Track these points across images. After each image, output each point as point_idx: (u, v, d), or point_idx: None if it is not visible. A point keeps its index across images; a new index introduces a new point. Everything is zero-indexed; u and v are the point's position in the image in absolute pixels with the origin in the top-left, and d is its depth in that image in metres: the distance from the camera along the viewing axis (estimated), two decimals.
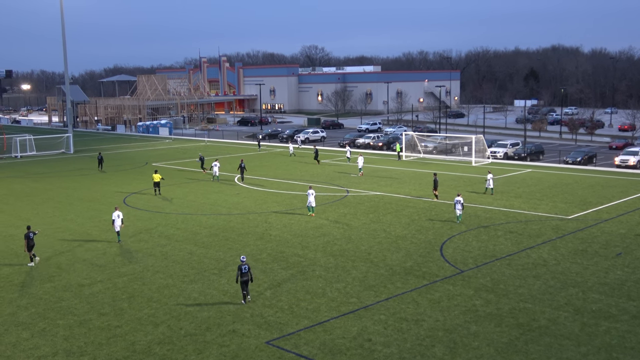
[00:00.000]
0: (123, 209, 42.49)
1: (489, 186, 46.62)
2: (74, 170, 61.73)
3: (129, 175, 59.44)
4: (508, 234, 34.26)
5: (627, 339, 20.45)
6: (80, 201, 45.70)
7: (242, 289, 24.09)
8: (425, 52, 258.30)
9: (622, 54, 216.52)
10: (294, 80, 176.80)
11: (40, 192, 50.03)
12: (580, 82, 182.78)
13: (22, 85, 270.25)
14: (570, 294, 24.75)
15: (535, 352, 19.59)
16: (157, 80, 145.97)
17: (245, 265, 23.91)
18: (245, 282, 23.93)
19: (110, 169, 63.98)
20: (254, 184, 52.26)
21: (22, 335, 21.48)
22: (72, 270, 28.73)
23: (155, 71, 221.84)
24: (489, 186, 46.55)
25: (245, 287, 24.01)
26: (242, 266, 23.87)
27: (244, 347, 20.24)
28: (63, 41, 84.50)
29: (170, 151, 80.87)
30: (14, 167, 66.87)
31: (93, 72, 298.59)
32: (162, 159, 71.60)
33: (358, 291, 25.35)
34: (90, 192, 49.87)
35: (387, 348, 19.98)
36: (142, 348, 20.29)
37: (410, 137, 74.33)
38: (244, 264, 23.95)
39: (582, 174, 56.60)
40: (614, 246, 31.56)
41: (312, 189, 40.02)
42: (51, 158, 75.64)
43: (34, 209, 43.16)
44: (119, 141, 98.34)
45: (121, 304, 24.27)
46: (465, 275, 27.29)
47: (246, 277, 23.90)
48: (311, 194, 39.36)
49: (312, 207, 39.34)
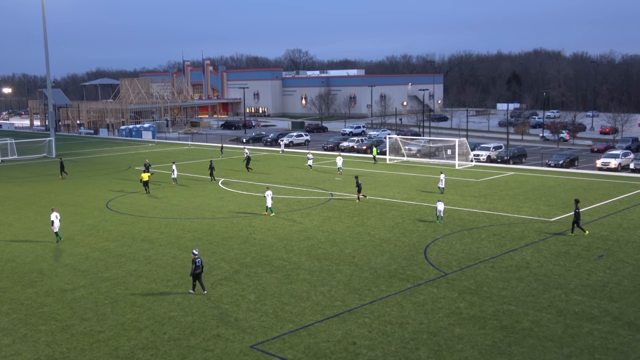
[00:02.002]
0: (106, 213, 42.32)
1: (441, 185, 47.95)
2: (56, 175, 61.18)
3: (112, 179, 59.05)
4: (491, 237, 34.46)
5: (609, 340, 20.63)
6: (63, 205, 45.29)
7: (196, 280, 25.56)
8: (408, 56, 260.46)
9: (603, 57, 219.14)
10: (277, 83, 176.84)
11: (22, 197, 49.58)
12: (562, 85, 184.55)
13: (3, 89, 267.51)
14: (553, 295, 24.93)
15: (518, 354, 19.70)
16: (140, 84, 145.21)
17: (198, 259, 25.38)
18: (199, 275, 25.43)
19: (92, 173, 63.57)
20: (237, 187, 52.16)
21: (3, 342, 21.25)
22: (54, 275, 28.48)
23: (139, 75, 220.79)
24: (441, 185, 47.91)
25: (199, 278, 25.53)
26: (197, 259, 25.30)
27: (228, 351, 20.17)
28: (45, 44, 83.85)
29: (153, 155, 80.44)
30: None
31: (75, 75, 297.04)
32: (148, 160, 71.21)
33: (342, 294, 25.37)
34: (72, 196, 49.50)
35: (372, 351, 20.00)
36: (126, 353, 20.15)
37: (394, 141, 74.57)
38: (197, 257, 25.35)
39: (564, 177, 57.08)
40: (596, 248, 31.84)
41: (270, 190, 41.20)
42: (33, 162, 74.96)
43: (15, 213, 42.75)
44: (102, 145, 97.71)
45: (104, 309, 24.10)
46: (449, 278, 27.40)
47: (200, 270, 25.39)
48: (269, 195, 40.46)
49: (269, 207, 40.47)
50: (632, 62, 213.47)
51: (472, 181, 54.73)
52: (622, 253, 30.87)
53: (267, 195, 40.53)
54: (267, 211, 40.75)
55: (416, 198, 46.20)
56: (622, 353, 19.70)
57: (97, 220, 40.20)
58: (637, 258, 29.96)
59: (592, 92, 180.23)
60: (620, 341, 20.57)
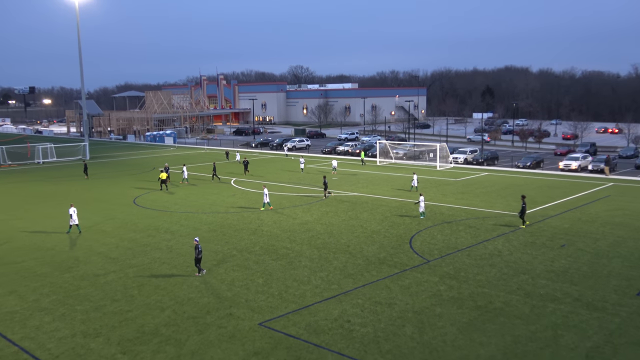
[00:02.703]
0: (133, 208, 42.32)
1: (414, 184, 47.93)
2: (89, 175, 61.14)
3: (138, 178, 59.04)
4: (468, 229, 34.50)
5: (570, 319, 20.69)
6: (95, 201, 45.35)
7: (198, 263, 26.03)
8: (396, 72, 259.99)
9: (566, 73, 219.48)
10: (282, 95, 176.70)
11: (60, 194, 49.59)
12: (530, 97, 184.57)
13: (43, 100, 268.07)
14: (521, 280, 24.98)
15: (491, 330, 19.75)
16: (162, 96, 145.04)
17: (199, 245, 25.93)
18: (200, 259, 25.96)
19: (121, 173, 63.57)
20: (247, 186, 52.19)
21: (44, 319, 21.31)
22: (88, 262, 28.53)
23: (161, 87, 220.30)
24: (414, 184, 47.89)
25: (199, 263, 26.07)
26: (198, 245, 25.81)
27: (239, 328, 20.22)
28: (80, 61, 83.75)
29: (174, 158, 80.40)
30: (37, 172, 66.18)
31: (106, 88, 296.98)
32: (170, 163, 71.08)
33: (338, 279, 25.41)
34: (104, 193, 49.52)
35: (364, 328, 20.05)
36: (151, 330, 20.20)
37: (384, 145, 74.62)
38: (198, 244, 25.82)
39: (531, 177, 57.13)
40: (558, 239, 31.91)
41: (266, 188, 41.85)
42: (69, 164, 74.93)
43: (55, 208, 42.76)
44: (129, 149, 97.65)
45: (132, 291, 24.14)
46: (431, 264, 27.45)
47: (201, 255, 25.95)
48: (265, 192, 41.00)
49: (265, 202, 40.77)
50: (590, 77, 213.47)
51: (451, 180, 54.78)
52: (582, 243, 30.94)
53: (265, 192, 41.04)
54: (264, 206, 40.92)
55: (403, 195, 46.24)
56: (581, 330, 19.76)
57: (126, 214, 40.22)
58: (595, 247, 30.03)
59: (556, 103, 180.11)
60: (580, 319, 20.63)
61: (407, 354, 18.12)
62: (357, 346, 18.68)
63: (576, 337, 19.20)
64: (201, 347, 18.78)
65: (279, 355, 18.14)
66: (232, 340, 19.29)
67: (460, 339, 19.14)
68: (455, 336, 19.30)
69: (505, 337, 19.19)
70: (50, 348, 18.94)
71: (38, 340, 19.52)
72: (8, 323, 21.04)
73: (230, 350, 18.57)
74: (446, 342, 18.88)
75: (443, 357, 17.90)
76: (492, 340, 18.98)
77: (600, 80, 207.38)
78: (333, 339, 19.23)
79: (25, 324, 20.97)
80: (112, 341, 19.35)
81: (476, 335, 19.38)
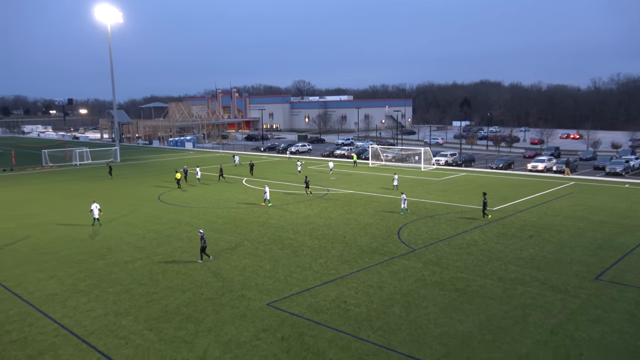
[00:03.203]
0: (158, 204, 42.30)
1: (395, 184, 47.60)
2: (120, 175, 61.14)
3: (162, 178, 59.02)
4: (448, 222, 34.49)
5: (537, 299, 20.70)
6: (125, 198, 45.33)
7: (204, 252, 26.16)
8: (386, 85, 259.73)
9: (533, 86, 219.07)
10: (287, 106, 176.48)
11: (94, 191, 49.56)
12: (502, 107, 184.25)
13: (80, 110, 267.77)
14: (495, 266, 24.98)
15: (468, 310, 19.76)
16: (183, 106, 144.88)
17: (204, 236, 26.07)
18: (204, 248, 26.10)
19: (147, 173, 63.51)
20: (257, 184, 52.16)
21: (81, 300, 21.32)
22: (119, 251, 28.52)
23: (182, 99, 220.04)
24: (395, 184, 47.60)
25: (204, 251, 26.16)
26: (203, 236, 26.00)
27: (250, 308, 20.22)
28: (111, 76, 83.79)
29: (193, 160, 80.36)
30: (74, 173, 66.12)
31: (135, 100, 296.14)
32: (188, 165, 71.11)
33: (336, 265, 25.41)
34: (132, 191, 49.48)
35: (358, 308, 20.05)
36: (173, 309, 20.21)
37: (375, 149, 74.56)
38: (203, 234, 26.02)
39: (503, 177, 57.09)
40: (527, 230, 31.89)
41: (267, 187, 42.16)
42: (103, 165, 74.88)
43: (89, 204, 42.65)
44: (154, 152, 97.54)
45: (157, 276, 24.14)
46: (416, 252, 27.44)
47: (205, 244, 26.10)
48: (267, 189, 41.32)
49: (266, 199, 40.71)
50: (555, 90, 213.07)
51: (434, 180, 54.73)
52: (547, 234, 30.93)
53: (266, 190, 41.33)
54: (265, 202, 40.89)
55: (392, 192, 46.20)
56: (547, 309, 19.77)
57: (151, 209, 40.20)
58: (558, 238, 30.02)
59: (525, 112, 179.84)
60: (545, 300, 20.64)
61: (395, 330, 18.13)
62: (352, 323, 18.68)
63: (542, 315, 19.21)
64: (217, 325, 18.78)
65: (284, 331, 18.15)
66: (244, 318, 19.29)
67: (441, 317, 19.14)
68: (437, 315, 19.31)
69: (481, 316, 19.19)
70: (86, 325, 18.95)
71: (75, 318, 19.53)
72: (50, 304, 21.05)
73: (242, 327, 18.57)
74: (429, 320, 18.88)
75: (427, 333, 17.91)
76: (469, 319, 18.98)
77: (563, 92, 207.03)
78: (331, 317, 19.23)
79: (64, 304, 20.98)
80: (139, 319, 19.35)
81: (455, 314, 19.38)
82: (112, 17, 79.76)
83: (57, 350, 17.17)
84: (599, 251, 27.21)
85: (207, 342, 17.52)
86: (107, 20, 79.80)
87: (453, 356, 16.32)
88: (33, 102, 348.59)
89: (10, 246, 29.82)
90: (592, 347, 16.88)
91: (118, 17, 79.95)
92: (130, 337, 17.92)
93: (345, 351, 16.71)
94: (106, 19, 79.63)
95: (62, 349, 17.24)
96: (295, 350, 16.86)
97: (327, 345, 17.09)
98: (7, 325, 19.14)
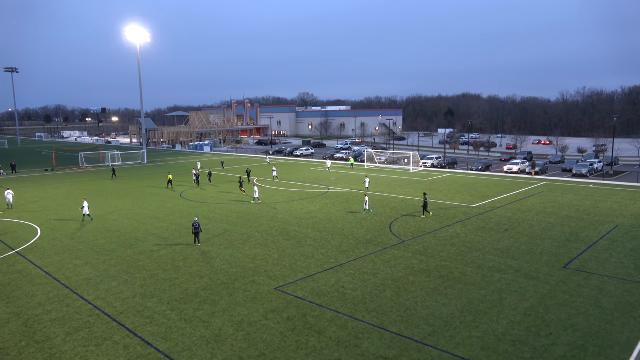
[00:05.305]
0: (180, 200, 42.26)
1: (366, 185, 46.09)
2: (147, 175, 61.16)
3: (184, 178, 59.00)
4: (434, 217, 34.39)
5: (512, 285, 20.62)
6: (151, 195, 45.31)
7: (195, 237, 26.91)
8: (379, 97, 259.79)
9: (509, 98, 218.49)
10: (293, 115, 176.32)
11: (124, 189, 49.58)
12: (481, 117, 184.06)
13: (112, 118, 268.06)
14: (475, 256, 24.92)
15: (452, 294, 19.70)
16: (202, 115, 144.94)
17: (196, 224, 26.78)
18: (197, 234, 26.78)
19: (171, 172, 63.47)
20: (265, 183, 52.10)
21: (111, 284, 21.30)
22: (145, 241, 28.51)
23: (201, 109, 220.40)
24: (367, 185, 46.10)
25: (197, 236, 26.87)
26: (194, 224, 26.74)
27: (260, 291, 20.19)
28: (140, 89, 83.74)
29: (210, 162, 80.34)
30: (107, 172, 66.11)
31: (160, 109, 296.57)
32: (205, 166, 71.18)
33: (335, 254, 25.36)
34: (156, 189, 49.45)
35: (355, 292, 20.00)
36: (193, 292, 20.18)
37: (370, 153, 74.46)
38: (195, 222, 26.79)
39: (482, 177, 56.95)
40: (503, 224, 31.80)
41: (257, 186, 42.12)
42: (132, 166, 74.90)
43: (120, 200, 42.78)
44: (177, 155, 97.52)
45: (178, 263, 24.12)
46: (406, 244, 27.38)
47: (197, 230, 26.74)
48: (256, 190, 40.70)
49: (255, 197, 40.14)
50: (528, 102, 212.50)
51: (421, 180, 54.62)
52: (521, 228, 30.83)
53: (255, 189, 40.68)
54: (254, 200, 40.20)
55: (384, 191, 46.12)
56: (521, 294, 19.70)
57: (174, 205, 40.17)
58: (531, 231, 29.92)
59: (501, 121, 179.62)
60: (519, 286, 20.57)
61: (387, 311, 18.07)
62: (349, 306, 18.62)
63: (517, 299, 19.14)
64: (231, 306, 18.75)
65: (290, 312, 18.11)
66: (255, 301, 19.25)
67: (428, 300, 19.08)
68: (424, 298, 19.25)
69: (462, 300, 19.12)
70: (116, 306, 18.93)
71: (107, 300, 19.52)
72: (85, 287, 21.05)
73: (253, 308, 18.54)
74: (417, 303, 18.82)
75: (415, 314, 17.85)
76: (452, 302, 18.92)
77: (535, 104, 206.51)
78: (331, 300, 19.18)
79: (97, 287, 20.97)
80: (163, 301, 19.32)
81: (440, 298, 19.33)
82: (141, 37, 79.73)
83: (91, 327, 17.16)
84: (567, 243, 27.11)
85: (222, 321, 17.49)
86: (136, 40, 79.79)
87: (438, 335, 16.26)
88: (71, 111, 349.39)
89: (51, 236, 29.84)
90: (561, 327, 16.81)
91: (146, 37, 79.94)
92: (154, 317, 17.90)
93: (343, 330, 16.66)
94: (136, 38, 79.60)
95: (95, 326, 17.23)
96: (299, 328, 16.82)
97: (327, 325, 17.05)
98: (47, 305, 19.15)
